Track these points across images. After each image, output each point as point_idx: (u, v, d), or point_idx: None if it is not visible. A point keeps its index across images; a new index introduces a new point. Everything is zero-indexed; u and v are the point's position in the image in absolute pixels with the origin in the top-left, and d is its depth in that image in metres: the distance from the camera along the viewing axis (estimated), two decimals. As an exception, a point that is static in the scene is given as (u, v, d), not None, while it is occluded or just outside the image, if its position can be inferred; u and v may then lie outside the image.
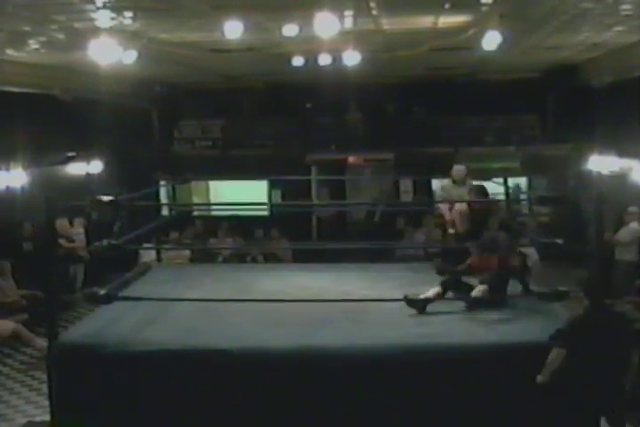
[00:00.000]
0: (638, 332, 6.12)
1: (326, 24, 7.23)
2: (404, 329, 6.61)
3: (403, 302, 7.13)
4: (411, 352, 6.10)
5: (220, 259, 13.60)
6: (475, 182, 8.85)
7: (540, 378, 5.76)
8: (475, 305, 7.01)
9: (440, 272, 7.89)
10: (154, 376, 6.12)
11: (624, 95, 12.07)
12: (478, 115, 16.09)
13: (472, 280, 7.30)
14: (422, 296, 7.08)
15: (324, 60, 10.73)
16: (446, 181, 9.41)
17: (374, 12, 8.09)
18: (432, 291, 7.13)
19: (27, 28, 8.24)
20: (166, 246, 12.04)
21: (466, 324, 6.74)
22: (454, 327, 6.65)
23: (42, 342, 10.16)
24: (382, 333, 6.49)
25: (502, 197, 9.29)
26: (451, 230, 8.61)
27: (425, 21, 8.81)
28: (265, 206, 15.42)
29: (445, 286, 7.17)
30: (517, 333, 6.40)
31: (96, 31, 8.06)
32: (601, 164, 13.14)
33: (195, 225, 14.85)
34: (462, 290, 7.24)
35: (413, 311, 6.99)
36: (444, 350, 6.13)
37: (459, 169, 9.17)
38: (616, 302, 9.13)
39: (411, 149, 15.46)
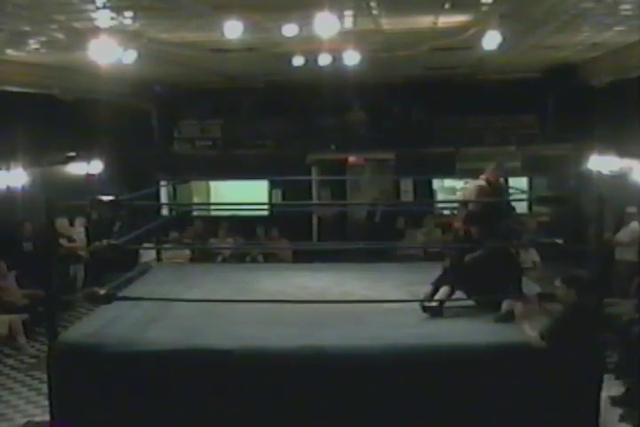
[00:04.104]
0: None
1: (326, 24, 7.23)
2: (403, 329, 6.61)
3: (403, 302, 7.13)
4: (410, 353, 6.10)
5: (220, 259, 13.60)
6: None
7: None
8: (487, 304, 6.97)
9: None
10: (154, 376, 6.11)
11: (624, 95, 12.07)
12: (478, 115, 16.09)
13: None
14: (436, 298, 7.06)
15: (324, 60, 10.73)
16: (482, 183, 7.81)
17: (374, 12, 8.09)
18: (442, 292, 7.10)
19: (27, 28, 8.24)
20: (166, 246, 12.05)
21: (465, 324, 6.74)
22: (454, 327, 6.65)
23: (23, 341, 10.23)
24: (382, 333, 6.49)
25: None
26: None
27: (425, 21, 8.81)
28: (265, 206, 15.43)
29: (453, 285, 7.14)
30: (517, 333, 6.41)
31: (96, 31, 8.07)
32: (601, 164, 13.15)
33: (195, 225, 14.86)
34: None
35: (413, 311, 6.99)
36: (443, 350, 6.13)
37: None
38: (618, 303, 9.17)
39: (411, 148, 15.46)
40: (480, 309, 7.03)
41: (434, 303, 7.04)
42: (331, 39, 8.17)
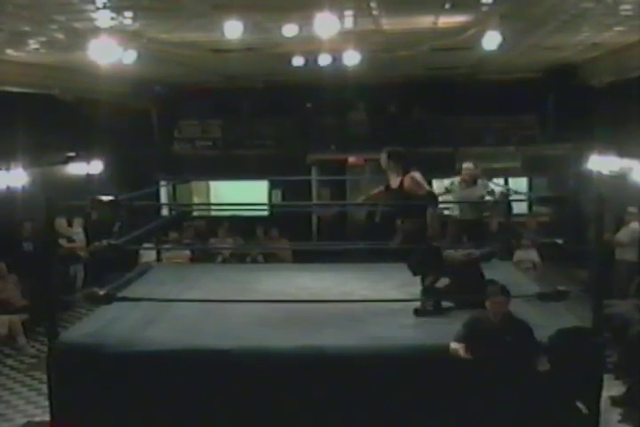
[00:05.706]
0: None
1: (326, 24, 7.24)
2: (403, 329, 6.62)
3: (402, 303, 7.13)
4: (410, 353, 6.10)
5: (220, 259, 13.60)
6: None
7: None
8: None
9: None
10: (154, 376, 6.12)
11: (624, 95, 12.07)
12: (478, 115, 16.08)
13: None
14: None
15: (324, 60, 10.74)
16: (451, 181, 9.28)
17: (374, 12, 8.10)
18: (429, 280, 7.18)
19: (27, 28, 8.24)
20: (166, 246, 12.04)
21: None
22: (454, 328, 6.64)
23: (23, 341, 10.23)
24: (382, 333, 6.49)
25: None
26: None
27: (425, 21, 8.82)
28: (265, 206, 15.42)
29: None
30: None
31: (96, 31, 8.07)
32: (601, 164, 13.15)
33: (195, 225, 14.86)
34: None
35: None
36: (443, 350, 6.13)
37: (468, 167, 9.06)
38: (617, 303, 9.16)
39: (411, 148, 15.43)
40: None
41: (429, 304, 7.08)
42: (331, 39, 8.17)
